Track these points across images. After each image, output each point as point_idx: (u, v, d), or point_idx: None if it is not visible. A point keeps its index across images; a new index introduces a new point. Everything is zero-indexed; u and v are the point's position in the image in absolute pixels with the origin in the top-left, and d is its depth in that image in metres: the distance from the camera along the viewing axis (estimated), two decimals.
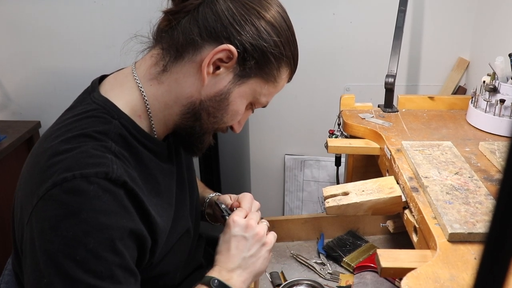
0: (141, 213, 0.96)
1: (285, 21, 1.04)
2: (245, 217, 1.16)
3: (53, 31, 2.30)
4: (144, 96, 1.03)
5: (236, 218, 1.14)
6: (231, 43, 0.98)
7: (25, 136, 2.23)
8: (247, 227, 1.13)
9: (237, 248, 1.12)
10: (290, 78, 1.12)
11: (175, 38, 1.00)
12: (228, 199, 1.31)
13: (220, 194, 1.44)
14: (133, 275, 0.94)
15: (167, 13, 1.01)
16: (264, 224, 1.17)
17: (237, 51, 0.98)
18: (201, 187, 1.47)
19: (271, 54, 1.01)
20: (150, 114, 1.04)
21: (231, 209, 1.24)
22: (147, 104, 1.03)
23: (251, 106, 1.11)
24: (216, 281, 1.06)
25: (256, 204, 1.26)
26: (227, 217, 1.18)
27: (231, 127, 1.13)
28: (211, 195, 1.42)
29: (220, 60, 0.99)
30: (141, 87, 1.03)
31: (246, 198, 1.26)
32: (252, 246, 1.12)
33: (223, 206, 1.26)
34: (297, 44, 1.09)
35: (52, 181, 0.87)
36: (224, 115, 1.06)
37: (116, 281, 0.89)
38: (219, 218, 1.32)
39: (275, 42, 1.01)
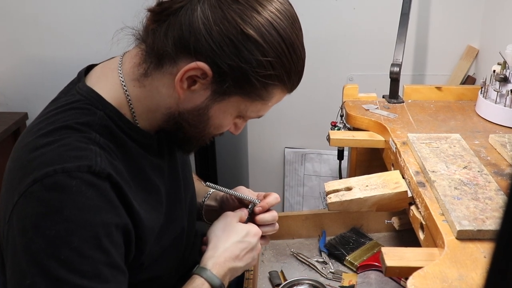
0: (126, 207, 0.96)
1: (279, 34, 0.94)
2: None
3: (40, 18, 2.29)
4: (128, 95, 1.02)
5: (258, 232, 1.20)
6: (205, 61, 0.92)
7: (12, 128, 2.23)
8: (257, 249, 1.19)
9: (244, 256, 1.16)
10: (289, 92, 1.05)
11: (154, 45, 0.96)
12: (246, 192, 1.30)
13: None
14: (122, 272, 0.94)
15: (150, 12, 0.98)
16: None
17: (212, 71, 0.93)
18: (198, 182, 1.47)
19: (252, 76, 0.94)
20: (134, 114, 1.03)
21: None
22: (131, 104, 1.02)
23: (243, 117, 1.07)
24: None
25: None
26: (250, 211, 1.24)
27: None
28: (207, 195, 1.42)
29: (196, 76, 0.95)
30: (124, 86, 1.02)
31: (270, 197, 1.29)
32: (251, 262, 1.18)
33: (250, 197, 1.27)
34: (300, 55, 1.00)
35: (33, 177, 0.87)
36: (206, 127, 1.04)
37: (103, 280, 0.89)
38: (229, 207, 1.32)
39: (259, 62, 0.93)
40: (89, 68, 1.09)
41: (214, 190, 1.40)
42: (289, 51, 0.96)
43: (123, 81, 1.02)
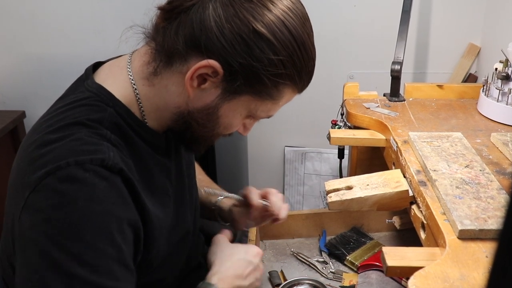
0: (137, 204, 0.95)
1: (291, 33, 0.93)
2: None
3: (39, 16, 2.28)
4: (137, 94, 1.01)
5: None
6: (216, 59, 0.92)
7: (9, 127, 2.22)
8: (259, 269, 1.20)
9: (250, 275, 1.17)
10: (299, 92, 1.04)
11: (164, 43, 0.96)
12: (256, 195, 1.31)
13: (231, 195, 1.42)
14: (131, 272, 0.94)
15: (161, 10, 0.97)
16: None
17: (223, 69, 0.93)
18: (207, 182, 1.46)
19: (264, 75, 0.93)
20: (144, 113, 1.03)
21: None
22: (140, 103, 1.02)
23: (252, 117, 1.07)
24: None
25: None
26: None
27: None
28: (220, 197, 1.40)
29: (206, 74, 0.94)
30: (134, 84, 1.01)
31: (272, 197, 1.29)
32: (251, 279, 1.17)
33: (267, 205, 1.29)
34: (311, 55, 0.99)
35: (45, 170, 0.87)
36: (215, 126, 1.04)
37: (113, 277, 0.89)
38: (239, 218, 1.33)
39: (271, 61, 0.92)
40: (96, 66, 1.09)
41: (221, 199, 1.40)
42: (301, 50, 0.95)
43: (132, 80, 1.02)
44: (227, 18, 0.90)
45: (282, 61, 0.93)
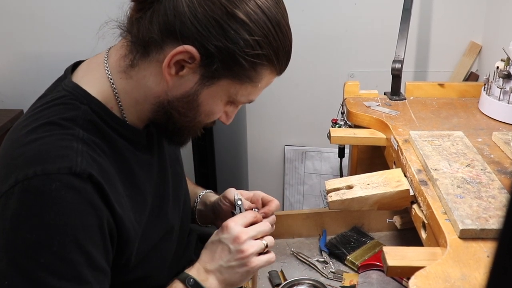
0: (108, 206, 0.95)
1: (264, 13, 0.94)
2: (245, 226, 1.15)
3: (37, 14, 2.28)
4: (114, 88, 1.02)
5: (232, 224, 1.14)
6: (192, 44, 0.93)
7: (7, 126, 2.22)
8: (235, 240, 1.12)
9: (219, 254, 1.13)
10: (278, 74, 1.05)
11: (139, 34, 0.97)
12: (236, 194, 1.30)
13: (211, 191, 1.44)
14: (103, 272, 0.95)
15: (134, 2, 0.98)
16: (260, 243, 1.14)
17: (199, 53, 0.93)
18: (190, 185, 1.47)
19: (240, 56, 0.94)
20: (122, 107, 1.03)
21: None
22: (118, 97, 1.02)
23: (233, 103, 1.07)
24: (192, 280, 1.10)
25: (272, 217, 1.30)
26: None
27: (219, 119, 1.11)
28: (202, 192, 1.43)
29: (183, 60, 0.95)
30: (111, 79, 1.02)
31: (272, 205, 1.32)
32: (231, 260, 1.12)
33: (239, 202, 1.26)
34: (287, 34, 1.00)
35: (14, 178, 0.88)
36: (196, 115, 1.04)
37: (84, 281, 0.90)
38: (222, 212, 1.32)
39: (246, 42, 0.93)
40: (76, 64, 1.09)
41: (203, 194, 1.42)
42: (276, 30, 0.96)
43: (109, 75, 1.02)
44: (200, 2, 0.91)
45: (257, 42, 0.94)
